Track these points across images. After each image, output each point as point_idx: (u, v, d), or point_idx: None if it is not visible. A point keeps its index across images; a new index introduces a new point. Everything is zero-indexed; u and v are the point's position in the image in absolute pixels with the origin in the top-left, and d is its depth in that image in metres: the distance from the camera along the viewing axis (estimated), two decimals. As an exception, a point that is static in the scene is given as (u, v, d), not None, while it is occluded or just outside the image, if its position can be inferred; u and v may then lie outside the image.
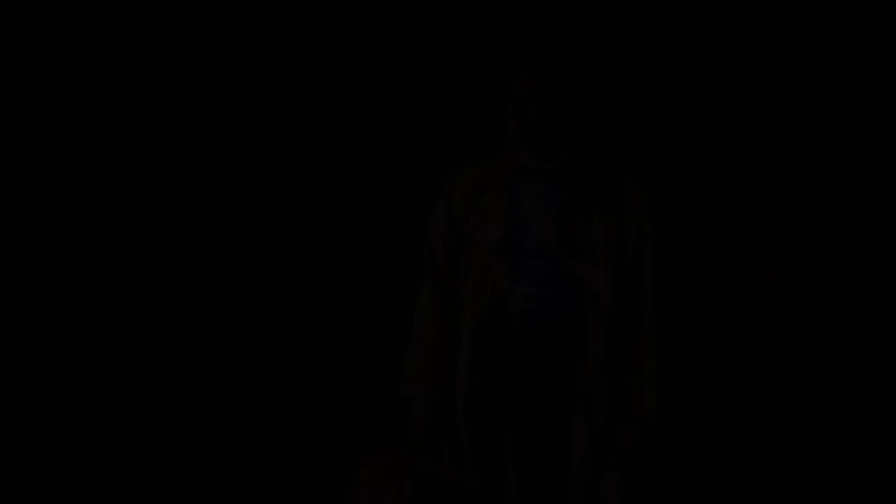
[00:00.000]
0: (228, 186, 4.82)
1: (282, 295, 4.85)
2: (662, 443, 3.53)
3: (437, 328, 3.37)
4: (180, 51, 4.76)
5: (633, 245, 3.42)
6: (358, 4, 4.81)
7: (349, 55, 4.82)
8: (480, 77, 4.74)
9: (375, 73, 4.82)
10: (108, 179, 4.78)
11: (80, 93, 4.73)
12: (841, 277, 4.86)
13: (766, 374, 4.90)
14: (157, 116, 4.78)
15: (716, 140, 4.90)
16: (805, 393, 4.87)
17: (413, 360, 3.36)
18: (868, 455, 4.80)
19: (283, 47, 4.80)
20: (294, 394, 4.81)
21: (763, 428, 4.88)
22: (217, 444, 4.80)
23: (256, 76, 4.80)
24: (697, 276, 4.92)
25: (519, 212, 3.36)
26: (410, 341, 3.40)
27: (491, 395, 3.31)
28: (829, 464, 4.81)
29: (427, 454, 3.31)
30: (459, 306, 3.39)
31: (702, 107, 4.88)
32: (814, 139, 4.86)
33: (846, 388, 4.84)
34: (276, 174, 4.83)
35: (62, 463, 4.74)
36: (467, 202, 3.41)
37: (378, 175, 4.85)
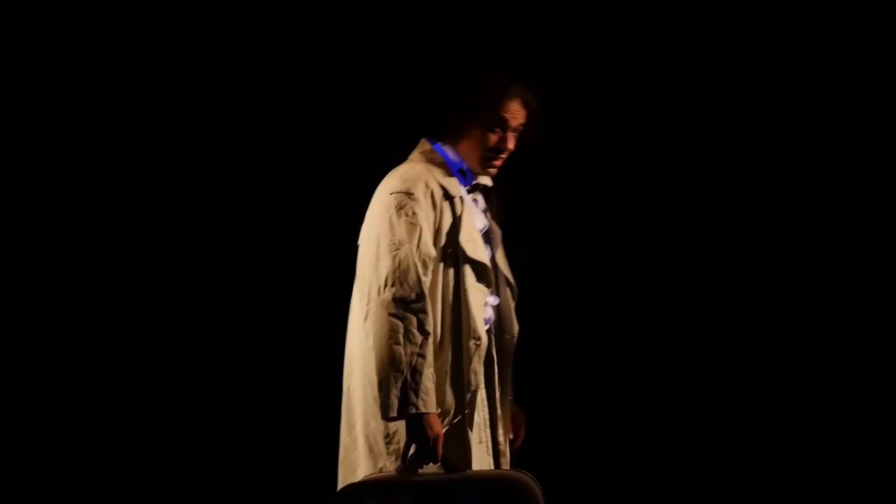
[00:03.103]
0: (228, 186, 4.82)
1: (282, 295, 4.84)
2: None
3: (433, 343, 3.35)
4: (180, 51, 4.76)
5: None
6: (358, 4, 4.81)
7: (349, 55, 4.82)
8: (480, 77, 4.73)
9: (375, 73, 4.81)
10: (108, 179, 4.77)
11: (80, 93, 4.72)
12: (841, 277, 4.86)
13: (766, 374, 4.90)
14: (156, 116, 4.78)
15: (716, 140, 4.89)
16: (805, 393, 4.86)
17: (422, 378, 3.30)
18: (868, 455, 4.80)
19: (283, 47, 4.80)
20: (294, 394, 4.80)
21: (763, 428, 4.87)
22: (217, 443, 4.80)
23: (256, 76, 4.80)
24: (697, 276, 4.91)
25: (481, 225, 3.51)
26: (405, 358, 3.30)
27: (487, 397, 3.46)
28: (830, 463, 4.81)
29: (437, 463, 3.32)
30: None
31: (699, 104, 4.88)
32: (813, 139, 4.86)
33: (846, 388, 4.84)
34: (276, 174, 4.83)
35: (62, 463, 4.74)
36: (444, 215, 3.42)
37: (378, 175, 4.84)
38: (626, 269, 4.92)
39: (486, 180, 3.54)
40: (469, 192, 3.50)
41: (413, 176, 3.45)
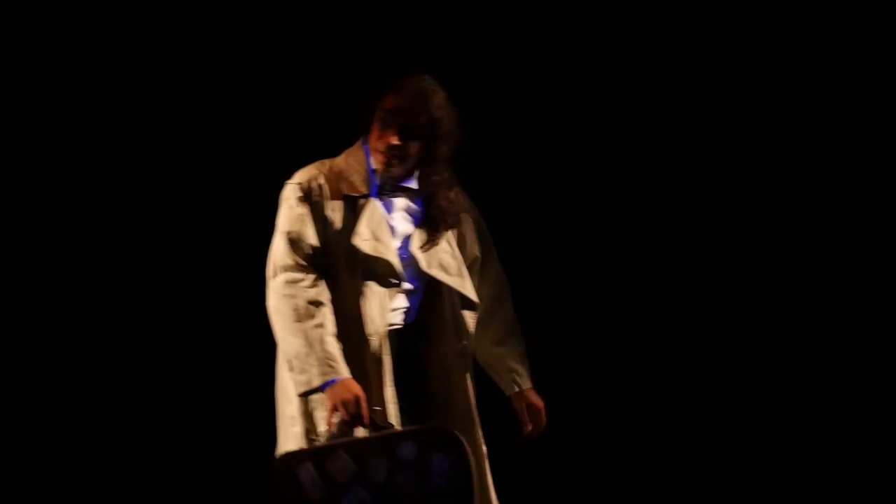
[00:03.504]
0: (228, 186, 4.82)
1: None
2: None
3: (331, 318, 3.37)
4: (180, 51, 4.76)
5: (479, 246, 3.63)
6: (358, 5, 4.81)
7: (349, 55, 4.82)
8: (479, 76, 4.74)
9: (375, 72, 4.81)
10: (108, 179, 4.78)
11: (80, 93, 4.73)
12: (840, 278, 4.86)
13: (766, 375, 4.90)
14: (156, 116, 4.78)
15: (716, 141, 4.90)
16: (805, 393, 4.87)
17: (328, 347, 3.32)
18: (868, 454, 4.81)
19: (283, 47, 4.80)
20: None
21: (763, 428, 4.88)
22: (217, 443, 4.80)
23: (256, 76, 4.80)
24: (696, 276, 4.92)
25: (393, 226, 3.48)
26: (306, 332, 3.32)
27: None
28: (830, 463, 4.81)
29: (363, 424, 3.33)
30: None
31: (699, 106, 4.88)
32: (812, 139, 4.87)
33: (846, 388, 4.84)
34: (276, 174, 4.83)
35: (62, 463, 4.74)
36: (334, 212, 3.43)
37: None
38: (626, 269, 4.93)
39: (411, 183, 3.53)
40: (386, 192, 3.49)
41: (309, 171, 3.53)
